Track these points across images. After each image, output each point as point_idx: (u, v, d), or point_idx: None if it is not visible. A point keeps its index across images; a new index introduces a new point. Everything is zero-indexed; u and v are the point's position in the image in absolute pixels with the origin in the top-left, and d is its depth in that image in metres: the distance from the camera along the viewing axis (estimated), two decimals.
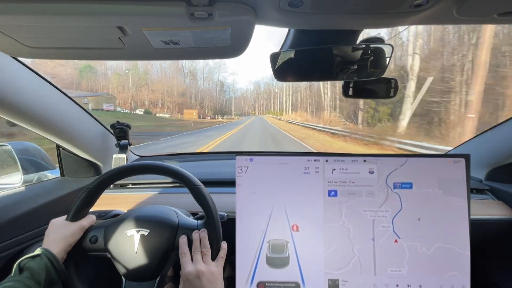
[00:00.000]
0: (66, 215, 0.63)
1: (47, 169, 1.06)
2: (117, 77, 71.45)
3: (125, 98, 68.15)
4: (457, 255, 0.61)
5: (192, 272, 0.55)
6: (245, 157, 0.67)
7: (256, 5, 0.42)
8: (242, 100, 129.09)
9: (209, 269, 0.57)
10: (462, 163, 0.63)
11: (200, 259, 0.58)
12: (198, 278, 0.55)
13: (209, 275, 0.56)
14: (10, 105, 0.68)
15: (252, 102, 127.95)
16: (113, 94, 54.16)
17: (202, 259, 0.58)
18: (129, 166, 0.66)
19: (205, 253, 0.59)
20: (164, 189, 1.02)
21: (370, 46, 0.63)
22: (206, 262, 0.58)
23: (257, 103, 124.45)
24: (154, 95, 74.92)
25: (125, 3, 0.39)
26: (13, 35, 0.47)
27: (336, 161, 0.65)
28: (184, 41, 0.50)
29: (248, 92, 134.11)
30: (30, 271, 0.51)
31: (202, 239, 0.60)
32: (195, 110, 74.26)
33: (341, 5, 0.41)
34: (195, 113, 69.55)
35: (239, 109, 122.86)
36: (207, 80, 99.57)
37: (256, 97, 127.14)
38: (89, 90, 59.62)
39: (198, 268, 0.56)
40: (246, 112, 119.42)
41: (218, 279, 0.57)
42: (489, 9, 0.42)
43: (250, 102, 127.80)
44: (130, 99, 68.41)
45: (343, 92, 0.79)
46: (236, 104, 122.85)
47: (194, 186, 0.64)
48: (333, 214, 0.64)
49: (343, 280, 0.62)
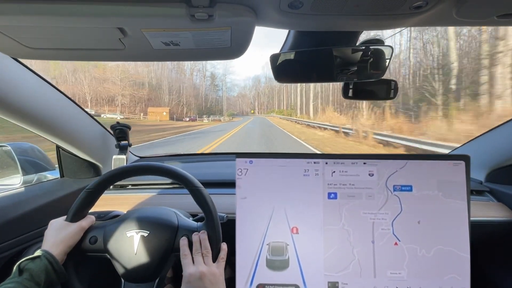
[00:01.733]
0: (66, 216, 0.63)
1: (46, 170, 1.06)
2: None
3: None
4: (457, 258, 0.61)
5: (194, 274, 0.55)
6: (245, 159, 0.66)
7: (256, 6, 0.42)
8: (240, 98, 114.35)
9: (211, 270, 0.57)
10: (462, 165, 0.63)
11: (201, 260, 0.58)
12: (200, 279, 0.55)
13: (210, 276, 0.56)
14: (10, 106, 0.68)
15: (251, 100, 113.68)
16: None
17: (203, 261, 0.58)
18: (129, 167, 0.66)
19: (205, 254, 0.59)
20: (164, 190, 1.02)
21: (370, 47, 0.63)
22: (207, 263, 0.58)
23: (257, 101, 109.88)
24: (102, 87, 49.70)
25: (125, 4, 0.39)
26: (13, 35, 0.47)
27: (336, 163, 0.65)
28: (184, 42, 0.50)
29: (246, 88, 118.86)
30: (30, 273, 0.51)
31: (202, 240, 0.60)
32: (166, 109, 54.42)
33: (341, 6, 0.41)
34: (165, 112, 51.97)
35: (237, 107, 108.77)
36: (190, 70, 76.84)
37: (256, 94, 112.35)
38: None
39: (200, 270, 0.56)
40: (245, 111, 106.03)
41: (220, 280, 0.57)
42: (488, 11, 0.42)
43: (248, 100, 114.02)
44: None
45: (343, 93, 0.79)
46: (232, 102, 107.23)
47: (194, 188, 0.64)
48: (333, 216, 0.63)
49: (343, 283, 0.62)
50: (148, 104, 56.17)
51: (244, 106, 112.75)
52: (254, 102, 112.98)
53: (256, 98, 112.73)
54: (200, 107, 74.57)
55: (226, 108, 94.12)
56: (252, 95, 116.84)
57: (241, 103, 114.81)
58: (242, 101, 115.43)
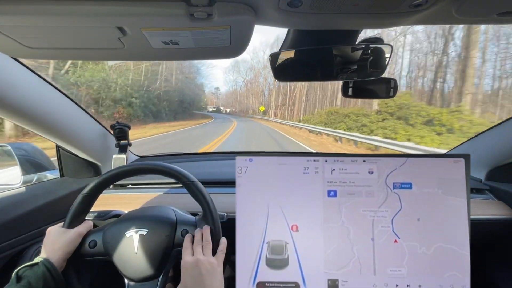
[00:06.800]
0: (63, 223, 0.63)
1: (46, 170, 1.06)
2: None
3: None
4: (457, 255, 0.61)
5: (191, 262, 0.56)
6: (245, 157, 0.67)
7: (255, 5, 0.42)
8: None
9: (208, 259, 0.57)
10: (462, 163, 0.63)
11: (200, 251, 0.58)
12: (197, 266, 0.55)
13: (207, 265, 0.56)
14: (9, 106, 0.68)
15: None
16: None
17: (202, 251, 0.59)
18: (123, 168, 0.65)
19: (205, 245, 0.59)
20: (164, 189, 1.02)
21: (369, 46, 0.63)
22: (205, 253, 0.58)
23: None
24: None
25: (124, 4, 0.39)
26: (13, 35, 0.47)
27: (335, 161, 0.65)
28: (184, 42, 0.50)
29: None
30: (28, 280, 0.51)
31: (204, 233, 0.61)
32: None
33: (341, 5, 0.41)
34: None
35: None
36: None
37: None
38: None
39: (197, 258, 0.56)
40: (244, 112, 61.69)
41: (217, 270, 0.57)
42: (488, 9, 0.42)
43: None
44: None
45: (343, 92, 0.79)
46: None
47: (189, 182, 0.64)
48: (332, 214, 0.64)
49: (343, 280, 0.62)
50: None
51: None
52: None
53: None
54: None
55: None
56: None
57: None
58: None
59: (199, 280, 0.54)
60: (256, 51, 64.83)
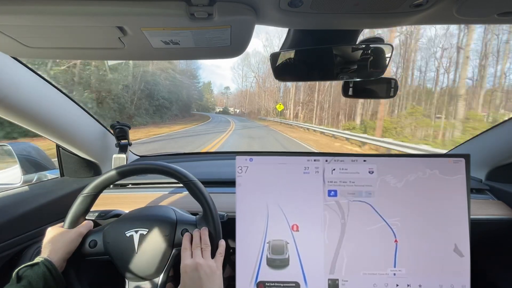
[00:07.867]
0: (62, 223, 0.63)
1: (47, 169, 1.06)
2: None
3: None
4: (457, 255, 0.61)
5: (190, 265, 0.56)
6: (245, 157, 0.67)
7: (256, 5, 0.42)
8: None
9: (207, 262, 0.57)
10: (462, 163, 0.63)
11: (199, 254, 0.59)
12: (196, 270, 0.55)
13: (206, 268, 0.56)
14: (10, 105, 0.68)
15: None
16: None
17: (202, 254, 0.59)
18: (122, 168, 0.65)
19: (204, 248, 0.60)
20: (164, 189, 1.02)
21: (370, 46, 0.63)
22: (205, 257, 0.59)
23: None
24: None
25: (125, 3, 0.39)
26: (13, 35, 0.47)
27: (336, 161, 0.65)
28: (184, 41, 0.50)
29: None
30: (28, 280, 0.51)
31: (203, 235, 0.61)
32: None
33: (341, 5, 0.41)
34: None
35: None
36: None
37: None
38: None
39: (197, 261, 0.57)
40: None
41: (217, 273, 0.58)
42: (489, 9, 0.42)
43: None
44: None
45: (343, 92, 0.79)
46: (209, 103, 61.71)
47: (189, 181, 0.64)
48: (333, 214, 0.64)
49: (343, 280, 0.62)
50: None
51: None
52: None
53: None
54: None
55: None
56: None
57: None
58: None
59: (198, 284, 0.54)
60: (270, 38, 55.43)
